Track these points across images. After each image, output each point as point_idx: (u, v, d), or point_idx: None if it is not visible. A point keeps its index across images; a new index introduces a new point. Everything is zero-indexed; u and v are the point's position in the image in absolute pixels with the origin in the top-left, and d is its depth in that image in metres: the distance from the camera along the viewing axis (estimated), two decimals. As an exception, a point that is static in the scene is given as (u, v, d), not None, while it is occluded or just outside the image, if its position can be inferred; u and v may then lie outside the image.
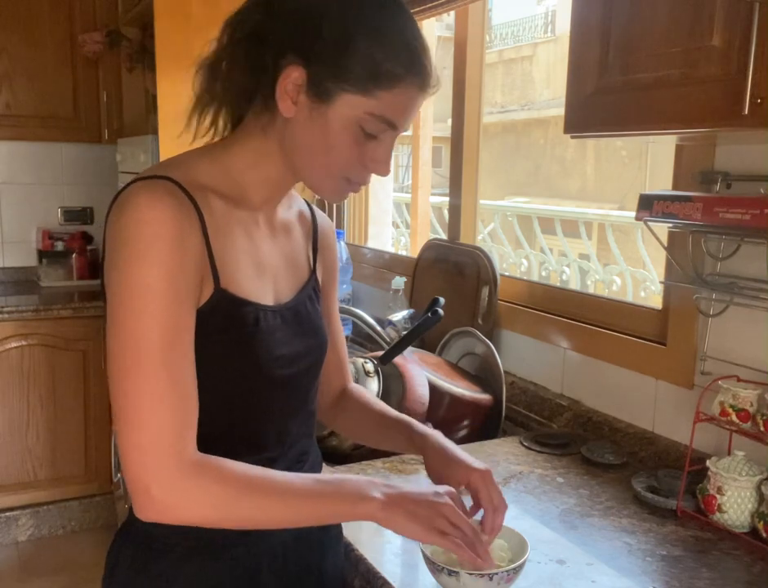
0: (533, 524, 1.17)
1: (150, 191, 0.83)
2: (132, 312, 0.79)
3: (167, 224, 0.81)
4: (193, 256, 0.84)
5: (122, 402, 0.80)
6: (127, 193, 0.84)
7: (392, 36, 0.87)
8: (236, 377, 0.91)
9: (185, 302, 0.82)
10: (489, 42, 10.21)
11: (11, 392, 3.00)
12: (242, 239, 0.93)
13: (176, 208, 0.82)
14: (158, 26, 2.35)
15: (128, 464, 0.79)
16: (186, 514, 0.80)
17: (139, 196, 0.82)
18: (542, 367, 1.74)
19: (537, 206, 6.43)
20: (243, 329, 0.90)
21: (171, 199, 0.83)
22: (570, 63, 1.14)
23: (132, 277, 0.80)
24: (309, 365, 1.01)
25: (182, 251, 0.82)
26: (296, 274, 1.03)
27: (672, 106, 0.98)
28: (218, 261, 0.88)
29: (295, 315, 0.98)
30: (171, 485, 0.78)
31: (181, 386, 0.81)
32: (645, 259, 3.40)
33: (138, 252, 0.80)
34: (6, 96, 3.18)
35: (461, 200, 2.12)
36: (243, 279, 0.91)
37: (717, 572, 1.04)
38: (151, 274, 0.79)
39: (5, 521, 3.07)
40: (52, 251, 3.49)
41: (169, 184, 0.84)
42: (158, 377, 0.79)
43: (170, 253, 0.80)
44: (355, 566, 1.07)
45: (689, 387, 1.38)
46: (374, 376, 1.58)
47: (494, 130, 11.82)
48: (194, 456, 0.81)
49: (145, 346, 0.79)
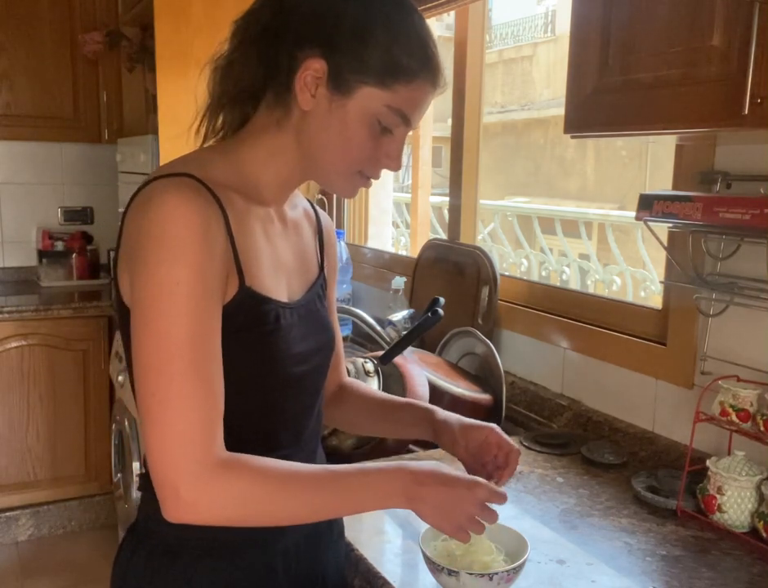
0: (533, 524, 1.17)
1: (177, 188, 0.82)
2: (162, 311, 0.79)
3: (195, 221, 0.80)
4: (220, 253, 0.83)
5: (150, 402, 0.78)
6: (151, 190, 0.83)
7: (409, 31, 0.88)
8: (255, 376, 0.91)
9: (214, 301, 0.82)
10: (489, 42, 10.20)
11: (11, 392, 3.00)
12: (261, 236, 0.93)
13: (203, 205, 0.82)
14: (158, 26, 2.36)
15: (156, 465, 0.78)
16: (217, 513, 0.80)
17: (166, 193, 0.81)
18: (542, 367, 1.74)
19: (537, 206, 6.43)
20: (264, 327, 0.90)
21: (198, 196, 0.82)
22: (570, 63, 1.14)
23: (162, 275, 0.79)
24: (320, 362, 1.02)
25: (210, 249, 0.81)
26: (307, 272, 1.03)
27: (672, 106, 0.98)
28: (242, 259, 0.87)
29: (307, 313, 0.99)
30: (200, 485, 0.78)
31: (210, 385, 0.80)
32: (645, 259, 3.40)
33: (167, 251, 0.79)
34: (6, 96, 3.18)
35: (461, 200, 2.12)
36: (264, 277, 0.91)
37: (717, 572, 1.04)
38: (181, 273, 0.79)
39: (5, 521, 3.07)
40: (52, 251, 3.49)
41: (192, 181, 0.84)
42: (187, 377, 0.78)
43: (199, 251, 0.80)
44: (355, 566, 1.07)
45: (689, 387, 1.38)
46: (374, 376, 1.58)
47: (494, 130, 11.82)
48: (223, 454, 0.80)
49: (174, 345, 0.78)
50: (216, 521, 0.80)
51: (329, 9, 0.87)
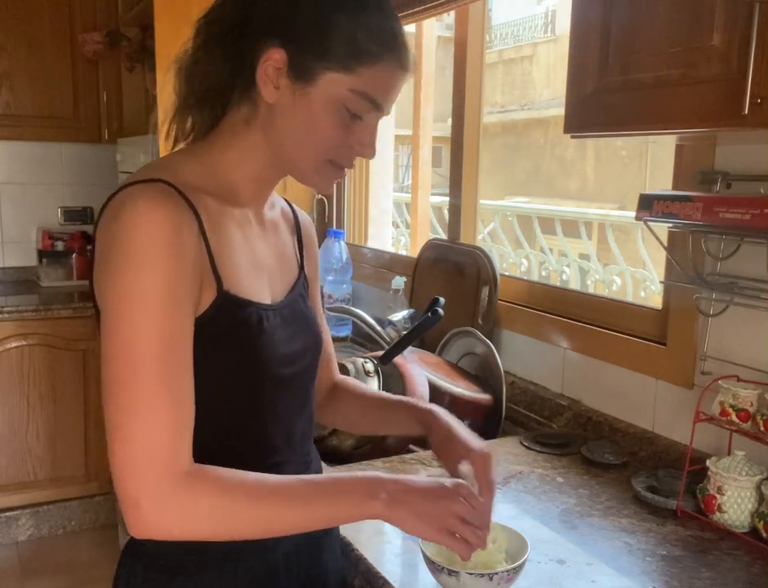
0: (533, 524, 1.17)
1: (148, 194, 0.80)
2: (128, 320, 0.77)
3: (165, 227, 0.78)
4: (192, 260, 0.81)
5: (115, 415, 0.77)
6: (122, 197, 0.82)
7: (371, 12, 0.86)
8: (242, 381, 0.89)
9: (184, 309, 0.80)
10: (489, 42, 10.20)
11: (11, 392, 3.00)
12: (238, 238, 0.91)
13: (174, 211, 0.80)
14: (158, 26, 2.35)
15: (120, 479, 0.76)
16: (182, 528, 0.77)
17: (135, 200, 0.80)
18: (542, 367, 1.74)
19: (537, 206, 6.43)
20: (248, 331, 0.88)
21: (169, 202, 0.81)
22: (570, 63, 1.14)
23: (129, 284, 0.77)
24: (308, 363, 1.01)
25: (181, 255, 0.80)
26: (288, 272, 1.02)
27: (672, 106, 0.98)
28: (218, 263, 0.86)
29: (291, 313, 0.98)
30: (164, 500, 0.75)
31: (178, 397, 0.78)
32: (645, 259, 3.40)
33: (135, 258, 0.77)
34: (6, 96, 3.18)
35: (461, 200, 2.12)
36: (243, 280, 0.90)
37: (717, 572, 1.04)
38: (148, 281, 0.77)
39: (5, 521, 3.07)
40: (52, 251, 3.49)
41: (164, 186, 0.82)
42: (155, 389, 0.76)
43: (168, 258, 0.78)
44: (355, 566, 1.07)
45: (689, 387, 1.38)
46: (374, 376, 1.58)
47: (494, 130, 11.82)
48: (189, 467, 0.78)
49: (141, 356, 0.76)
50: (182, 536, 0.78)
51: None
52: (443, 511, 0.81)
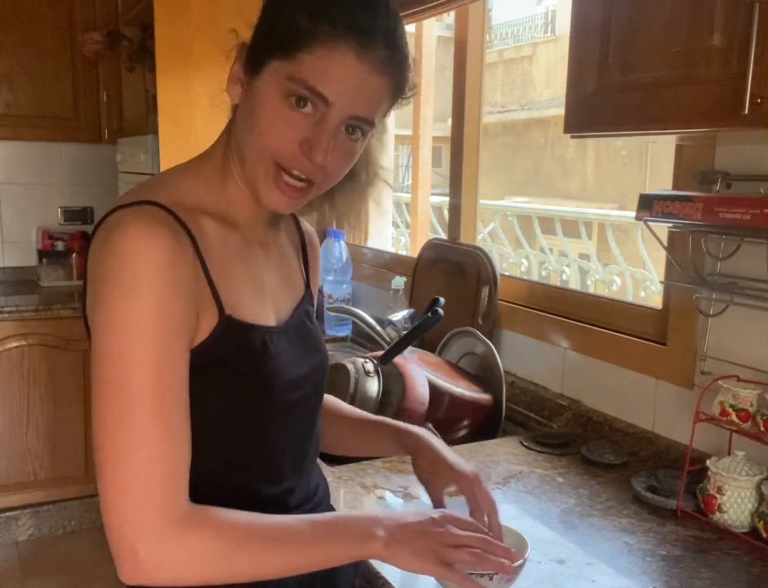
0: (533, 524, 1.17)
1: (138, 219, 0.75)
2: (121, 355, 0.72)
3: (157, 255, 0.74)
4: (187, 287, 0.77)
5: (108, 453, 0.72)
6: (111, 223, 0.77)
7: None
8: (247, 408, 0.85)
9: (179, 340, 0.76)
10: (489, 42, 10.20)
11: (11, 392, 3.00)
12: (238, 261, 0.87)
13: (168, 236, 0.75)
14: (158, 26, 2.35)
15: (113, 525, 0.71)
16: (181, 573, 0.73)
17: (126, 225, 0.75)
18: (542, 367, 1.74)
19: (537, 206, 6.42)
20: (252, 356, 0.84)
21: (161, 227, 0.76)
22: (570, 63, 1.14)
23: (120, 316, 0.73)
24: (316, 384, 0.96)
25: (175, 283, 0.75)
26: (293, 291, 0.98)
27: (672, 106, 0.98)
28: (219, 287, 0.81)
29: (297, 334, 0.94)
30: (162, 544, 0.71)
31: (173, 433, 0.74)
32: (645, 259, 3.39)
33: (126, 288, 0.73)
34: (6, 96, 3.18)
35: (461, 200, 2.12)
36: (245, 303, 0.85)
37: (717, 572, 1.04)
38: (141, 312, 0.73)
39: (5, 521, 3.07)
40: (52, 251, 3.49)
41: (156, 210, 0.78)
42: (149, 426, 0.72)
43: (161, 287, 0.74)
44: (355, 566, 1.07)
45: (689, 387, 1.38)
46: (374, 376, 1.58)
47: (494, 130, 11.81)
48: (186, 509, 0.74)
49: (135, 392, 0.72)
50: (181, 582, 0.74)
51: None
52: (437, 545, 0.79)
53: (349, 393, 1.54)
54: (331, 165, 0.81)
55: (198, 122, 2.33)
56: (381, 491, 1.28)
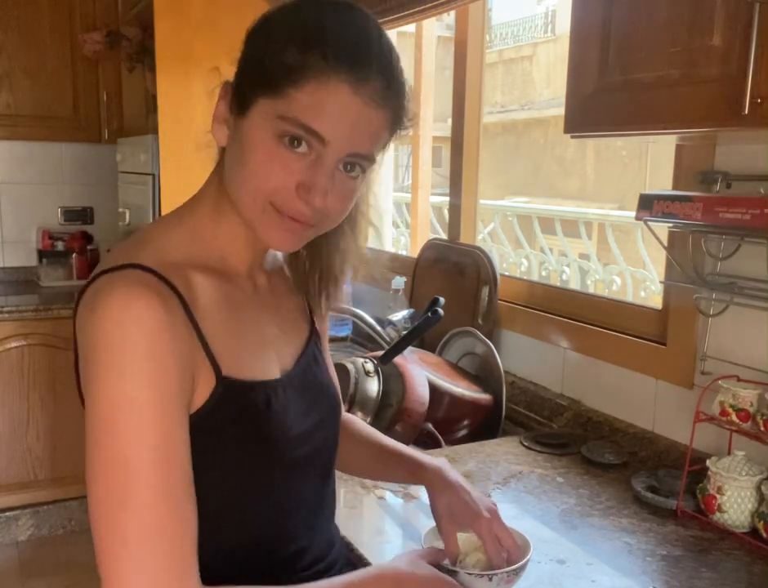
0: (533, 524, 1.17)
1: (121, 287, 0.71)
2: (117, 433, 0.67)
3: (145, 322, 0.69)
4: (180, 352, 0.72)
5: (111, 542, 0.66)
6: (93, 292, 0.73)
7: (305, 19, 0.74)
8: (253, 469, 0.81)
9: (177, 409, 0.71)
10: (489, 42, 10.19)
11: (11, 392, 3.00)
12: (234, 314, 0.82)
13: (154, 302, 0.70)
14: (158, 26, 2.36)
15: None
16: None
17: (109, 296, 0.70)
18: (542, 367, 1.74)
19: (537, 206, 6.42)
20: (254, 415, 0.80)
21: (148, 292, 0.71)
22: (570, 63, 1.14)
23: (112, 393, 0.68)
24: (326, 435, 0.92)
25: (167, 351, 0.70)
26: (297, 334, 0.93)
27: (671, 106, 0.98)
28: (214, 348, 0.77)
29: (303, 383, 0.89)
30: None
31: (180, 511, 0.68)
32: (645, 259, 3.39)
33: (115, 363, 0.68)
34: (6, 96, 3.18)
35: (461, 200, 2.12)
36: (244, 360, 0.81)
37: (717, 572, 1.04)
38: (135, 388, 0.68)
39: (5, 521, 3.07)
40: (52, 250, 3.49)
41: (139, 274, 0.73)
42: (154, 507, 0.66)
43: (153, 356, 0.69)
44: (355, 566, 1.07)
45: (689, 387, 1.38)
46: (374, 376, 1.58)
47: (494, 130, 11.81)
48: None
49: (136, 472, 0.67)
50: None
51: None
52: None
53: (349, 393, 1.54)
54: (331, 207, 0.77)
55: (198, 122, 2.33)
56: (381, 491, 1.28)
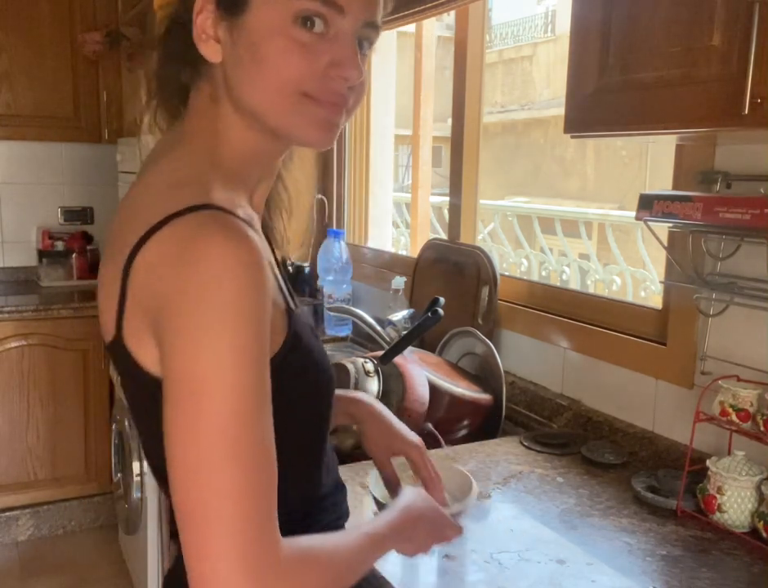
0: (533, 524, 1.17)
1: (223, 228, 0.65)
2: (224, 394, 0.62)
3: (254, 270, 0.64)
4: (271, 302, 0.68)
5: (196, 506, 0.62)
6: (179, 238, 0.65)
7: None
8: (309, 419, 0.80)
9: (268, 363, 0.67)
10: (489, 42, 10.19)
11: (11, 392, 3.00)
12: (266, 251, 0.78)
13: (255, 245, 0.65)
14: (158, 26, 2.35)
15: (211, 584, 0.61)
16: None
17: (212, 237, 0.64)
18: (542, 367, 1.74)
19: (537, 206, 6.42)
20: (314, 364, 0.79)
21: (247, 236, 0.65)
22: (570, 63, 1.14)
23: (223, 348, 0.62)
24: None
25: (268, 300, 0.66)
26: None
27: (671, 106, 0.98)
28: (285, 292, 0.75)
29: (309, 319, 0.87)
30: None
31: (269, 466, 0.65)
32: (645, 259, 3.40)
33: (228, 313, 0.62)
34: (6, 96, 3.18)
35: (461, 200, 2.12)
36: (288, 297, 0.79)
37: (717, 572, 1.04)
38: (246, 341, 0.63)
39: (5, 521, 3.07)
40: (52, 250, 3.49)
41: (227, 216, 0.67)
42: (249, 470, 0.63)
43: (261, 309, 0.65)
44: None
45: (689, 387, 1.38)
46: (374, 376, 1.58)
47: (494, 130, 11.81)
48: (282, 550, 0.65)
49: (240, 435, 0.62)
50: None
51: None
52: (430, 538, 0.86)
53: (349, 393, 1.54)
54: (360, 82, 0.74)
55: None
56: (381, 491, 1.28)
